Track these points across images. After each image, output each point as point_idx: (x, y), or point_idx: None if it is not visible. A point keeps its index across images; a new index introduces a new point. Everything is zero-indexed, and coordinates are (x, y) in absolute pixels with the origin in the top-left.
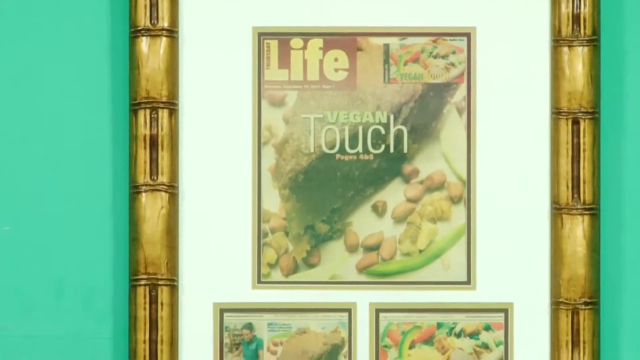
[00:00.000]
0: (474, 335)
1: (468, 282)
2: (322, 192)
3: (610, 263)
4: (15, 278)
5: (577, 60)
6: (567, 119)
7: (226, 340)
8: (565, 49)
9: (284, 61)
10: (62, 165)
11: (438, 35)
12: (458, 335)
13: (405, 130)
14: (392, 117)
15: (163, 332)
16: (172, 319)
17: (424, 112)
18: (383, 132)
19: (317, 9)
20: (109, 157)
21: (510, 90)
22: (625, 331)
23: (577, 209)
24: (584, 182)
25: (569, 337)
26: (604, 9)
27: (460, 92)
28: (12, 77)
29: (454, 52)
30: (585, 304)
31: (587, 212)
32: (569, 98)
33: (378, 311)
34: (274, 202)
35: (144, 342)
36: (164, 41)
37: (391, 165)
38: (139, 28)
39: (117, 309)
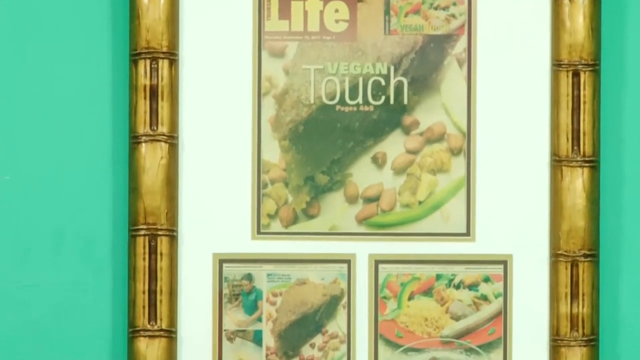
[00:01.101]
0: (473, 286)
1: (467, 233)
2: (322, 143)
3: (610, 215)
4: (14, 227)
5: (578, 12)
6: (567, 71)
7: (225, 291)
8: (566, 0)
9: (285, 12)
10: (62, 115)
11: None
12: (457, 287)
13: (405, 81)
14: (392, 68)
15: (162, 283)
16: (171, 270)
17: (425, 64)
18: (383, 83)
19: None
20: (109, 107)
21: (510, 42)
22: (624, 283)
23: (576, 161)
24: (584, 134)
25: (568, 289)
26: None
27: (461, 44)
28: (9, 29)
29: (454, 4)
30: (585, 256)
31: (586, 164)
32: (570, 50)
33: (377, 262)
34: (273, 153)
35: (143, 292)
36: None
37: (391, 116)
38: None
39: (116, 259)
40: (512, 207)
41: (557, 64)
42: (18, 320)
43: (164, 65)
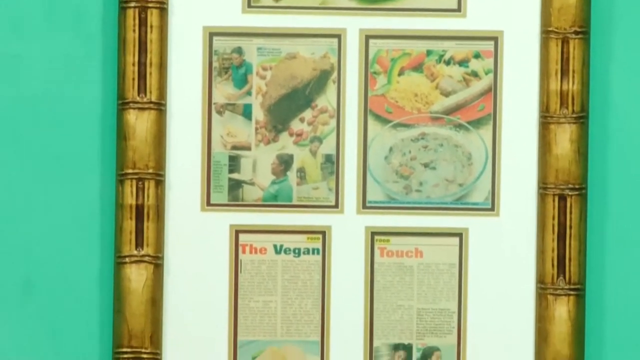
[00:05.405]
0: (463, 62)
1: (458, 9)
2: None
3: None
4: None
5: None
6: None
7: (215, 64)
8: None
9: None
10: None
11: None
12: (447, 63)
13: None
14: None
15: (152, 55)
16: (161, 42)
17: None
18: None
19: None
20: None
21: None
22: (614, 61)
23: None
24: None
25: (559, 66)
26: None
27: None
28: None
29: None
30: (576, 32)
31: None
32: None
33: (368, 37)
34: None
35: (133, 64)
36: None
37: None
38: None
39: (106, 31)
40: None
41: None
42: (7, 91)
43: None
